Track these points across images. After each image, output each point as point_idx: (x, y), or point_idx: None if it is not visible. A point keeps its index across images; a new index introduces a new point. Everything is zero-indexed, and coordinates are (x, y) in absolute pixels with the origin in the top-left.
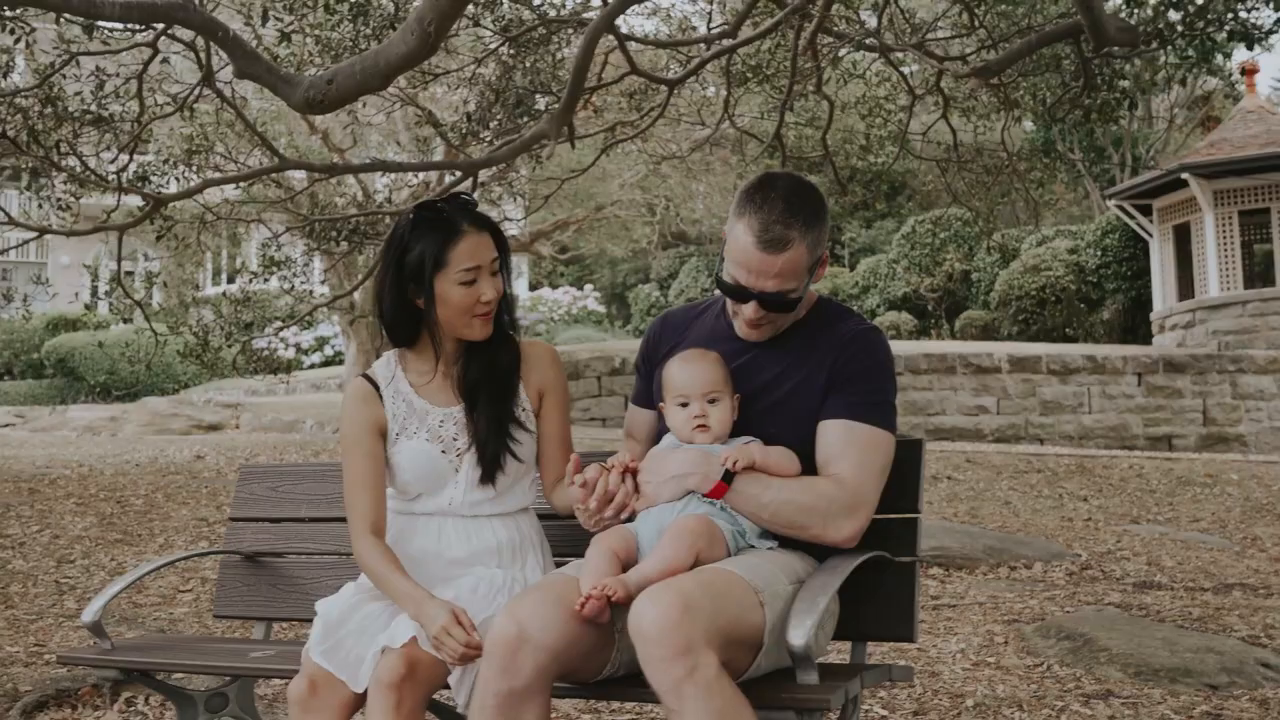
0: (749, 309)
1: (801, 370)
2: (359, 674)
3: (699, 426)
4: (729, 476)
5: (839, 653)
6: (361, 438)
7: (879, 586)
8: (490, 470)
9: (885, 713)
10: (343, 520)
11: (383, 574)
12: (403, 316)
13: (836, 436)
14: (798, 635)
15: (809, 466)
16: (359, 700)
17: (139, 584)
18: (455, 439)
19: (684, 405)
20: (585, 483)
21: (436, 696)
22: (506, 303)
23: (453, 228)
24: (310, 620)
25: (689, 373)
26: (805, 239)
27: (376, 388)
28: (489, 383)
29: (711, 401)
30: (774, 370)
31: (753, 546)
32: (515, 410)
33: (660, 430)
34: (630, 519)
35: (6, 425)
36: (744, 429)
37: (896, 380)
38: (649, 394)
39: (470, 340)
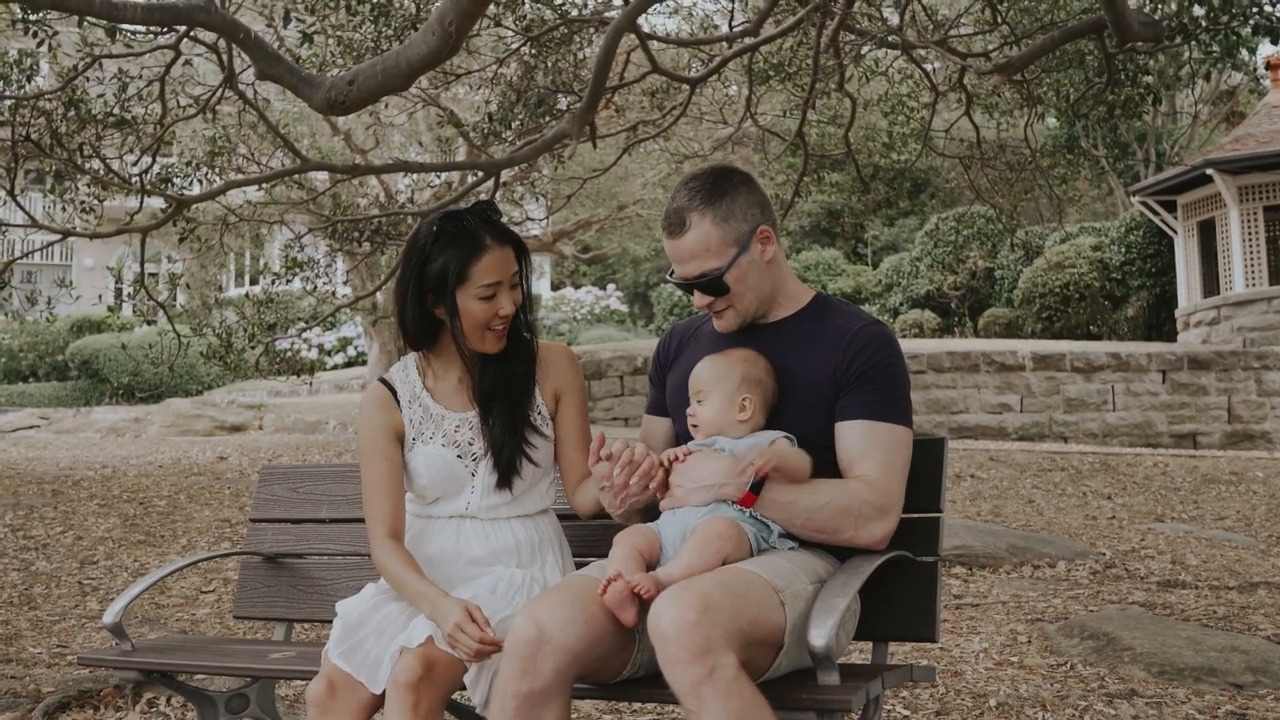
0: (697, 299)
1: (807, 365)
2: (377, 675)
3: (692, 426)
4: (757, 487)
5: (860, 653)
6: (379, 443)
7: (901, 586)
8: (506, 475)
9: (908, 713)
10: (362, 521)
11: (399, 575)
12: (422, 323)
13: (857, 438)
14: (819, 635)
15: (820, 458)
16: (378, 701)
17: (161, 585)
18: (471, 444)
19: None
20: (611, 455)
21: (456, 697)
22: (524, 307)
23: (476, 243)
24: (331, 621)
25: (693, 373)
26: (706, 215)
27: (394, 393)
28: (504, 389)
29: (699, 401)
30: (777, 366)
31: (773, 547)
32: (530, 415)
33: (678, 435)
34: (650, 517)
35: (31, 427)
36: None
37: (909, 373)
38: (663, 403)
39: (484, 352)
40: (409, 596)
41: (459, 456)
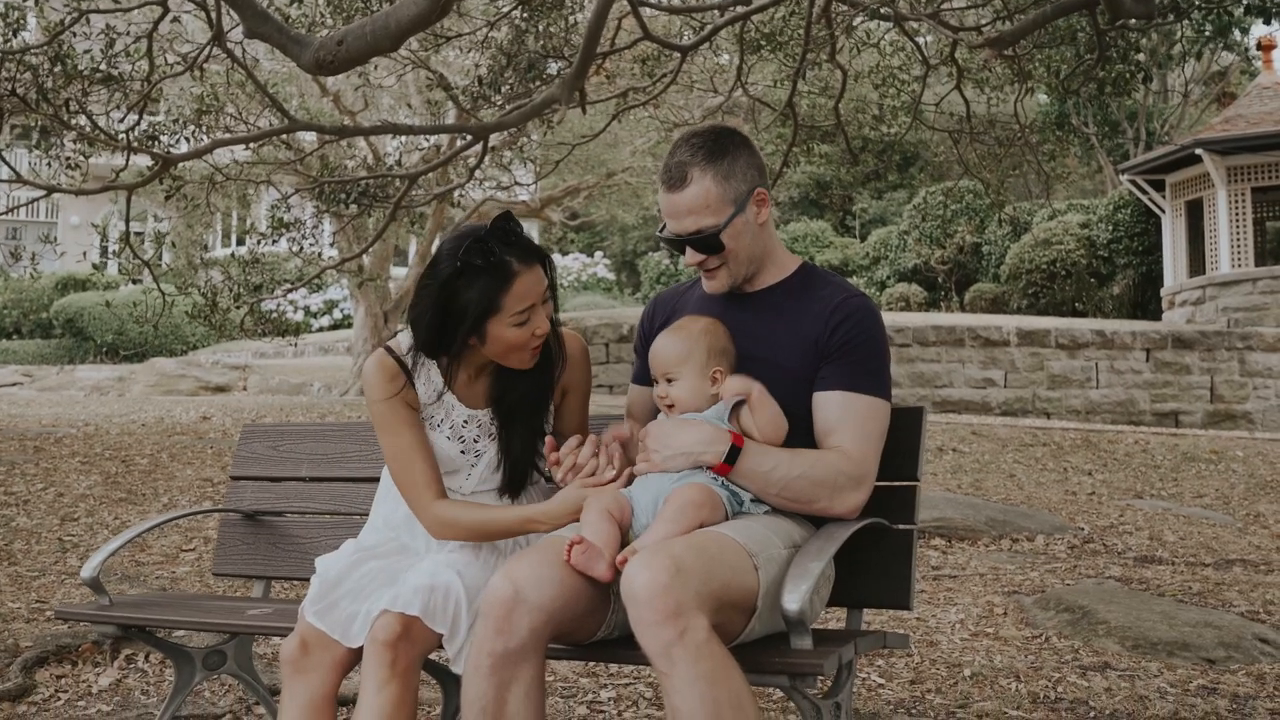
0: (688, 256)
1: (790, 333)
2: (351, 630)
3: (666, 406)
4: (733, 456)
5: (836, 620)
6: (399, 409)
7: (877, 554)
8: (517, 490)
9: (883, 681)
10: (343, 480)
11: (480, 521)
12: (445, 342)
13: (835, 408)
14: (792, 599)
15: (798, 427)
16: (353, 658)
17: (142, 543)
18: (476, 440)
19: (656, 384)
20: (557, 460)
21: (433, 657)
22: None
23: (505, 271)
24: (309, 579)
25: (653, 352)
26: (707, 172)
27: (404, 366)
28: (528, 403)
29: (670, 380)
30: (761, 333)
31: (747, 512)
32: (546, 426)
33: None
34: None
35: (14, 384)
36: None
37: (889, 345)
38: (647, 373)
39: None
40: (505, 532)
41: (462, 452)
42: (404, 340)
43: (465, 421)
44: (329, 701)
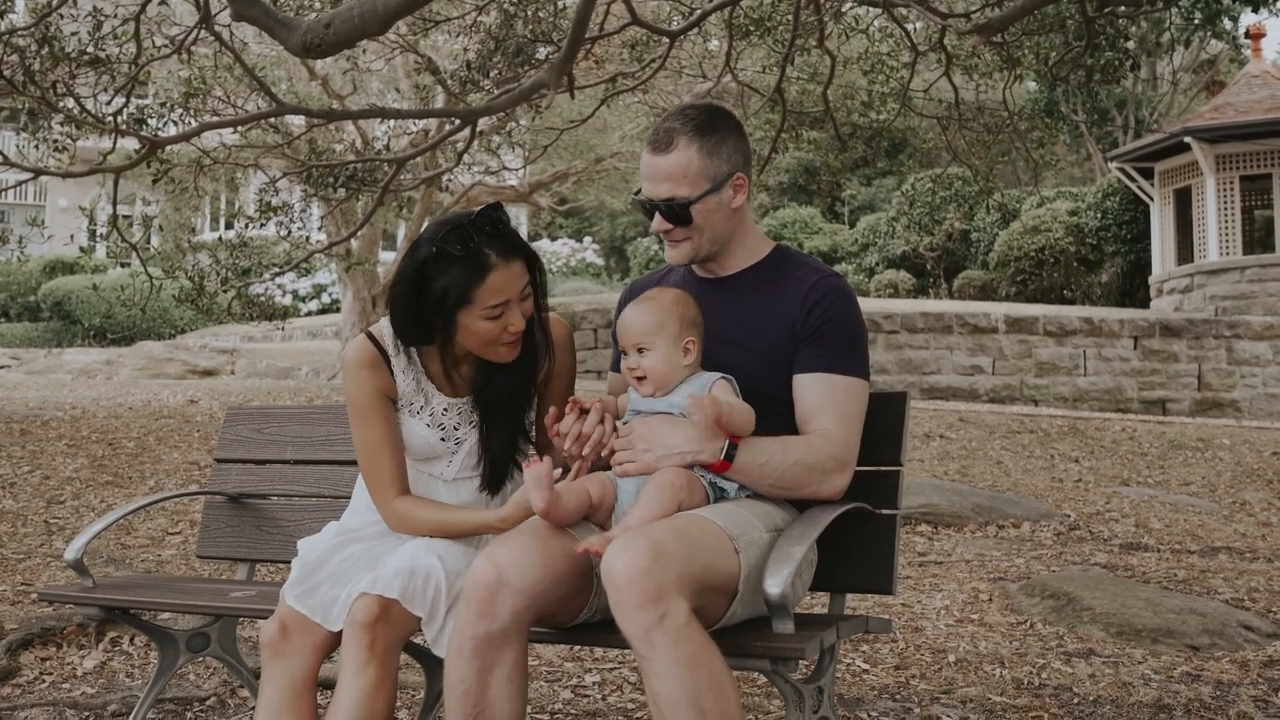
0: (656, 221)
1: (766, 316)
2: (331, 614)
3: (636, 379)
4: (731, 454)
5: (821, 606)
6: (375, 403)
7: (859, 539)
8: (498, 487)
9: (867, 666)
10: (326, 463)
11: (440, 520)
12: (421, 330)
13: (816, 391)
14: (774, 584)
15: (777, 409)
16: (332, 641)
17: (127, 526)
18: (457, 428)
19: (625, 356)
20: (559, 432)
21: (418, 641)
22: (539, 314)
23: (480, 263)
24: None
25: (622, 323)
26: (693, 143)
27: (384, 354)
28: (508, 400)
29: (641, 351)
30: (737, 317)
31: (729, 496)
32: (527, 422)
33: None
34: (608, 466)
35: (2, 367)
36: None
37: (865, 324)
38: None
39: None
40: (465, 535)
41: (442, 439)
42: (386, 327)
43: (445, 409)
44: (309, 684)
